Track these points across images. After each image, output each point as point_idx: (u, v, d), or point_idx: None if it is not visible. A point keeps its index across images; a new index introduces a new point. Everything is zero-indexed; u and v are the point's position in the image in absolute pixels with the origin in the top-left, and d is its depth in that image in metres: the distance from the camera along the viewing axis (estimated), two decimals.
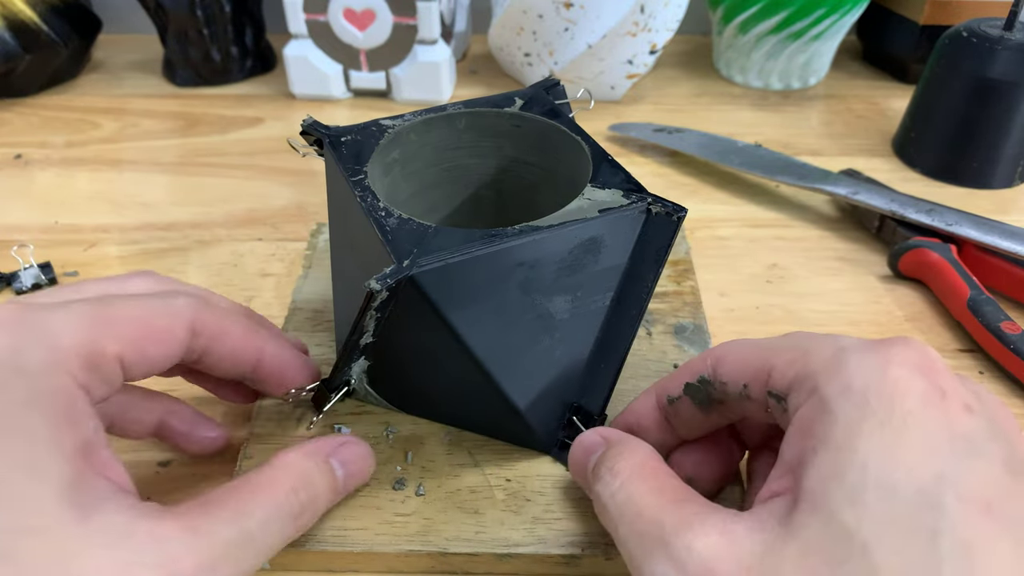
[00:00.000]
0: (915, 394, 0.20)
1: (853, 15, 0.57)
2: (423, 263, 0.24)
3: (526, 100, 0.32)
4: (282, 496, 0.24)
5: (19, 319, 0.22)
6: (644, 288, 0.28)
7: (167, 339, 0.25)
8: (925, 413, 0.20)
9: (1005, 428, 0.20)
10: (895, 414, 0.20)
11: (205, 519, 0.22)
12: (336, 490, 0.26)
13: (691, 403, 0.26)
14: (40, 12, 0.56)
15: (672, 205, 0.27)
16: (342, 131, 0.30)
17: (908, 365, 0.21)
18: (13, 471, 0.20)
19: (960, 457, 0.19)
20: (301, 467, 0.25)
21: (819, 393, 0.21)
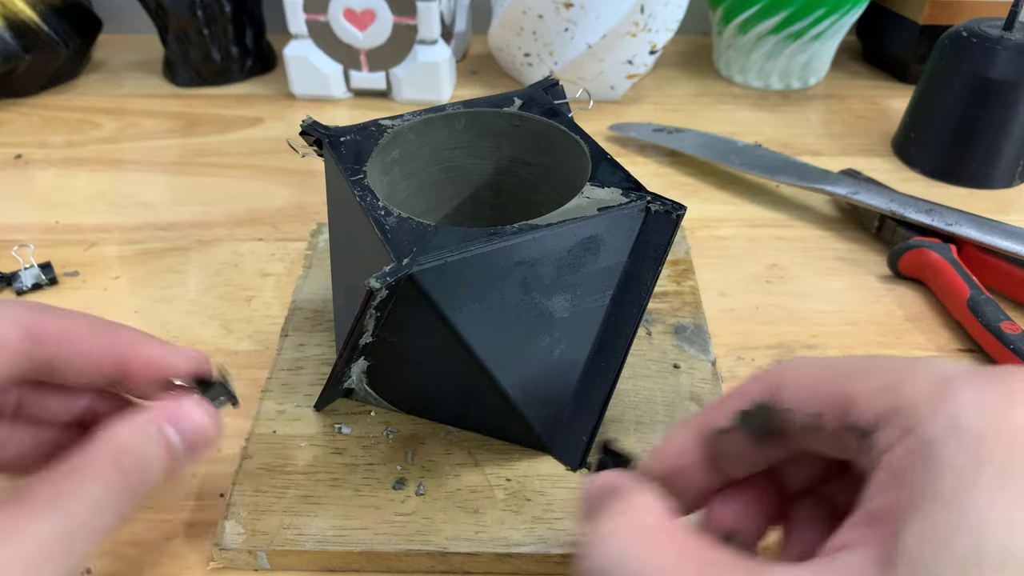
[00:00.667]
0: None
1: (853, 15, 0.57)
2: (423, 261, 0.24)
3: (525, 100, 0.32)
4: (106, 478, 0.22)
5: None
6: (643, 287, 0.28)
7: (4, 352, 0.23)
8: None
9: None
10: (1021, 466, 0.16)
11: (24, 518, 0.20)
12: (174, 460, 0.24)
13: (745, 435, 0.21)
14: (40, 12, 0.57)
15: (671, 203, 0.27)
16: (342, 131, 0.30)
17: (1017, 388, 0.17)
18: None
19: None
20: (127, 441, 0.23)
21: (919, 433, 0.17)
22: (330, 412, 0.32)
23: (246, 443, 0.30)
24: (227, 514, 0.28)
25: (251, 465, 0.29)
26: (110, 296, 0.40)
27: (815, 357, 0.22)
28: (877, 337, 0.38)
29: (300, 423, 0.31)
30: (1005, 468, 0.16)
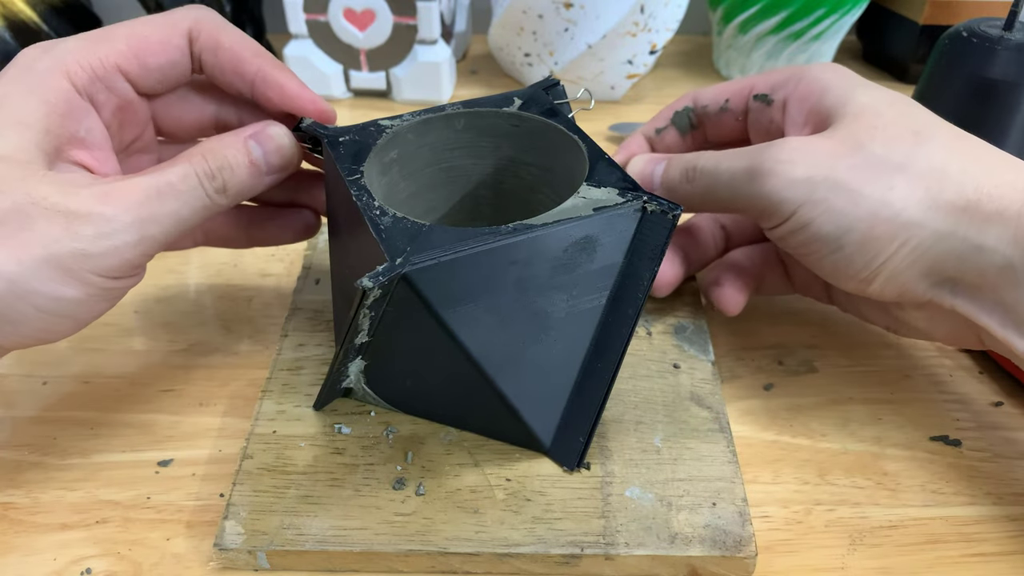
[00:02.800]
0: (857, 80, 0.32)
1: (853, 15, 0.57)
2: (416, 261, 0.24)
3: (525, 100, 0.32)
4: (195, 160, 0.28)
5: (47, 45, 0.28)
6: (640, 287, 0.28)
7: (165, 49, 0.29)
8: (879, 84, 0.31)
9: None
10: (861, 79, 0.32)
11: (137, 174, 0.27)
12: (255, 165, 0.29)
13: (675, 131, 0.37)
14: (40, 12, 0.56)
15: (667, 203, 0.26)
16: (341, 131, 0.30)
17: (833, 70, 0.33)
18: (11, 129, 0.26)
19: None
20: (215, 145, 0.28)
21: (806, 74, 0.32)
22: (330, 412, 0.32)
23: (246, 443, 0.30)
24: (227, 514, 0.28)
25: (251, 465, 0.29)
26: None
27: None
28: (877, 337, 0.38)
29: (300, 423, 0.31)
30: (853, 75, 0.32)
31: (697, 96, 0.36)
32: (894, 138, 0.28)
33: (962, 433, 0.33)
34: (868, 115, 0.29)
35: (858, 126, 0.29)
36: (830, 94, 0.31)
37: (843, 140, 0.29)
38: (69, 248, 0.25)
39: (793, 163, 0.29)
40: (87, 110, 0.28)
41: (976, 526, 0.30)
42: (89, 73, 0.28)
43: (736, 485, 0.29)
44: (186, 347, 0.37)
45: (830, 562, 0.28)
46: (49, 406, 0.34)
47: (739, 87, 0.35)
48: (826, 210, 0.28)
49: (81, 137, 0.28)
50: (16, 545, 0.28)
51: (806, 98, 0.32)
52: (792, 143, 0.29)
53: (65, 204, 0.25)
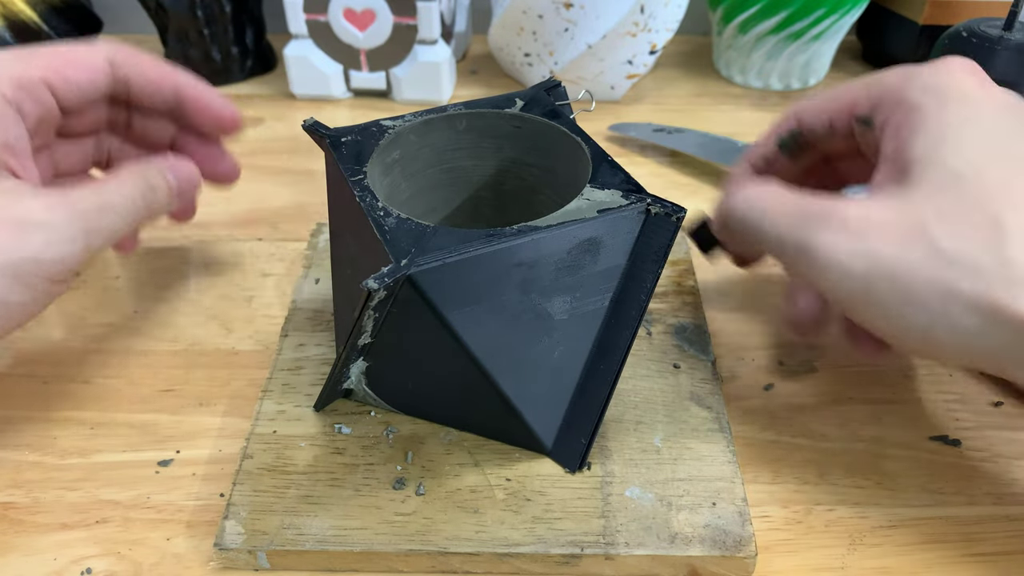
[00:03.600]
0: (973, 86, 0.27)
1: (853, 15, 0.57)
2: (421, 262, 0.24)
3: (527, 101, 0.32)
4: (131, 181, 0.31)
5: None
6: (643, 289, 0.28)
7: (87, 66, 0.32)
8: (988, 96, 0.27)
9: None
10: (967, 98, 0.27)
11: (76, 189, 0.29)
12: (171, 191, 0.34)
13: (785, 156, 0.33)
14: (40, 12, 0.56)
15: (671, 206, 0.26)
16: (343, 131, 0.30)
17: (971, 67, 0.28)
18: None
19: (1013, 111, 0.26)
20: (139, 168, 0.32)
21: (904, 97, 0.28)
22: (330, 412, 0.32)
23: (246, 443, 0.30)
24: (227, 514, 0.28)
25: (251, 465, 0.29)
26: (110, 296, 0.40)
27: (820, 91, 0.34)
28: None
29: (300, 423, 0.31)
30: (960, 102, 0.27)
31: (800, 115, 0.32)
32: (967, 233, 0.24)
33: (962, 433, 0.33)
34: (944, 188, 0.25)
35: (934, 202, 0.25)
36: (919, 136, 0.26)
37: (912, 224, 0.25)
38: (21, 255, 0.27)
39: (850, 254, 0.25)
40: (16, 119, 0.30)
41: (976, 526, 0.30)
42: (15, 83, 0.30)
43: (736, 485, 0.29)
44: (186, 347, 0.37)
45: (830, 562, 0.28)
46: (49, 406, 0.34)
47: (841, 105, 0.31)
48: (881, 310, 0.25)
49: (10, 144, 0.29)
50: (16, 545, 0.28)
51: (896, 134, 0.28)
52: (851, 222, 0.26)
53: (13, 212, 0.27)
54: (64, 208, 0.28)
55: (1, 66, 0.30)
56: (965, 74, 0.28)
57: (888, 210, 0.25)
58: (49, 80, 0.31)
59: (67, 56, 0.32)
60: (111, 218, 0.30)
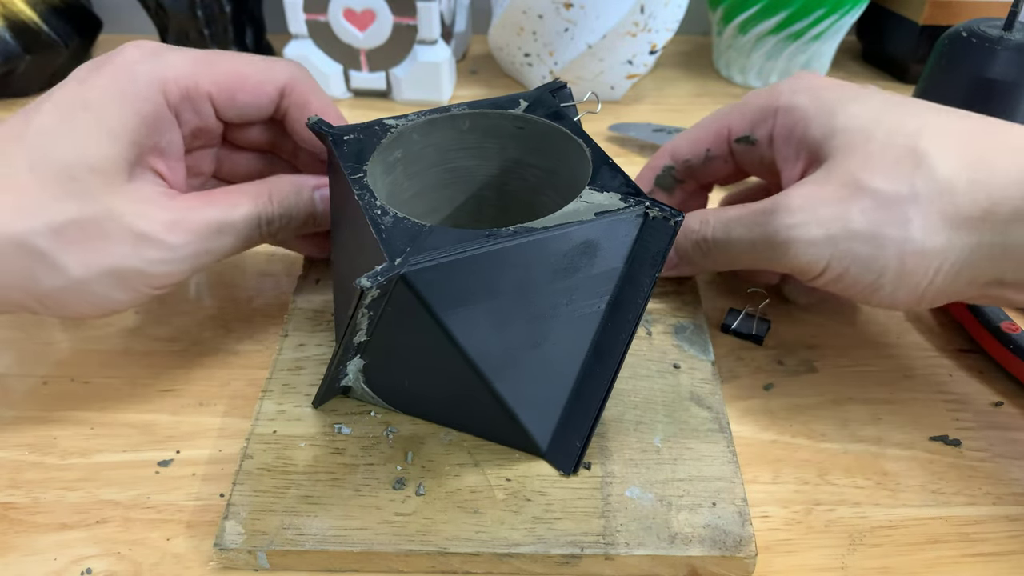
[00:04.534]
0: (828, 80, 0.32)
1: (853, 15, 0.57)
2: (415, 262, 0.24)
3: (531, 102, 0.32)
4: (261, 201, 0.31)
5: (151, 49, 0.31)
6: (641, 293, 0.28)
7: (257, 92, 0.32)
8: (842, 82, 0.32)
9: None
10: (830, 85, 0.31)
11: (206, 203, 0.30)
12: (313, 216, 0.33)
13: (661, 192, 0.37)
14: (40, 12, 0.56)
15: (670, 210, 0.26)
16: (346, 130, 0.30)
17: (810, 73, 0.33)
18: (100, 136, 0.28)
19: None
20: (284, 186, 0.32)
21: (780, 105, 0.31)
22: (330, 412, 0.32)
23: (246, 443, 0.30)
24: (227, 514, 0.28)
25: (251, 465, 0.29)
26: None
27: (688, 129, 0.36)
28: (877, 337, 0.38)
29: (300, 423, 0.31)
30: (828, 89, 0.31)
31: (674, 151, 0.36)
32: (893, 166, 0.28)
33: (962, 433, 0.33)
34: (858, 145, 0.28)
35: (853, 161, 0.28)
36: (812, 125, 0.30)
37: (844, 183, 0.28)
38: (132, 266, 0.29)
39: (806, 225, 0.28)
40: (172, 124, 0.31)
41: (976, 526, 0.30)
42: (183, 92, 0.30)
43: (736, 485, 0.29)
44: (186, 347, 0.37)
45: (830, 562, 0.28)
46: (49, 406, 0.34)
47: (714, 132, 0.34)
48: (854, 260, 0.28)
49: (162, 148, 0.31)
50: (16, 545, 0.28)
51: (790, 134, 0.31)
52: (795, 201, 0.29)
53: (138, 226, 0.28)
54: (184, 229, 0.29)
55: (176, 69, 0.30)
56: (817, 76, 0.32)
57: (821, 183, 0.29)
58: (216, 97, 0.32)
59: (243, 76, 0.32)
60: (228, 241, 0.31)
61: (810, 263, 0.29)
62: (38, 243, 0.27)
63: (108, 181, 0.28)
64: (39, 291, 0.28)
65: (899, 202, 0.27)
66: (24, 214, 0.27)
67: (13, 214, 0.27)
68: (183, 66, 0.31)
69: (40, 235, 0.27)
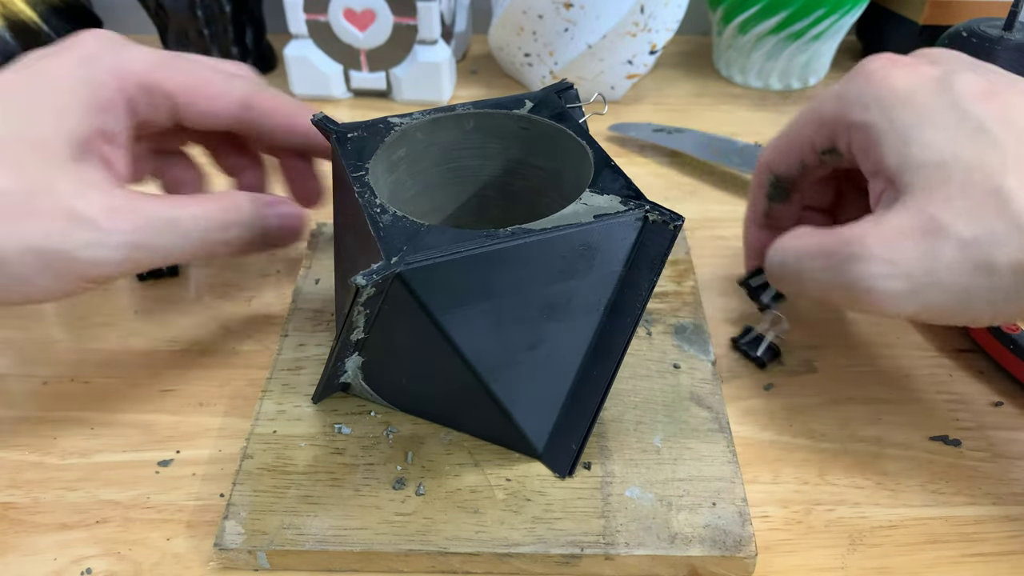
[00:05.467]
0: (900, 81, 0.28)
1: (853, 15, 0.57)
2: (411, 261, 0.24)
3: (536, 103, 0.32)
4: (217, 210, 0.30)
5: (111, 39, 0.30)
6: (639, 296, 0.28)
7: (220, 102, 0.32)
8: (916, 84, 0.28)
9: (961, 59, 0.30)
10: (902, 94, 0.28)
11: (152, 198, 0.29)
12: (266, 233, 0.32)
13: (779, 203, 0.35)
14: (40, 12, 0.56)
15: (669, 214, 0.26)
16: (350, 127, 0.30)
17: (886, 62, 0.29)
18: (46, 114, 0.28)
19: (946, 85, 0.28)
20: (241, 200, 0.31)
21: (852, 123, 0.29)
22: (330, 412, 0.32)
23: (246, 443, 0.30)
24: (227, 514, 0.28)
25: (251, 465, 0.29)
26: (110, 296, 0.40)
27: (771, 140, 0.35)
28: (877, 337, 0.38)
29: (300, 423, 0.31)
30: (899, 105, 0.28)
31: (771, 167, 0.34)
32: (976, 211, 0.25)
33: (962, 433, 0.33)
34: (937, 185, 0.26)
35: (933, 204, 0.26)
36: (886, 151, 0.28)
37: (926, 229, 0.26)
38: (60, 247, 0.27)
39: (889, 278, 0.26)
40: (125, 113, 0.30)
41: (976, 526, 0.30)
42: (141, 86, 0.30)
43: (736, 485, 0.29)
44: (186, 347, 0.37)
45: (830, 562, 0.28)
46: (49, 406, 0.34)
47: (799, 146, 0.33)
48: (939, 311, 0.27)
49: (110, 133, 0.30)
50: (16, 545, 0.28)
51: (866, 154, 0.29)
52: (875, 248, 0.27)
53: (73, 205, 0.27)
54: (124, 216, 0.28)
55: (138, 64, 0.30)
56: (886, 71, 0.29)
57: (900, 222, 0.27)
58: (176, 99, 0.31)
59: (205, 83, 0.32)
60: (171, 238, 0.29)
61: (896, 312, 0.27)
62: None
63: (46, 157, 0.27)
64: None
65: (981, 250, 0.25)
66: None
67: None
68: (145, 61, 0.30)
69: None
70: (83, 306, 0.39)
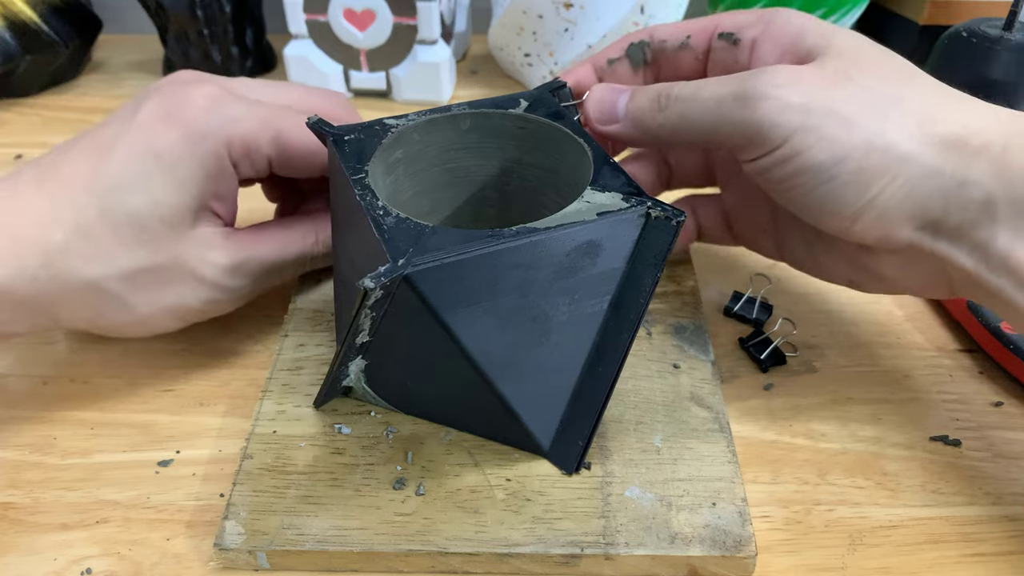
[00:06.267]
0: None
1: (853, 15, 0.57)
2: (418, 262, 0.24)
3: (531, 102, 0.32)
4: (310, 244, 0.36)
5: (216, 98, 0.32)
6: (642, 292, 0.28)
7: (312, 160, 0.34)
8: None
9: None
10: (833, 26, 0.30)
11: (258, 241, 0.34)
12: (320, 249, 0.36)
13: (628, 64, 0.35)
14: (40, 12, 0.57)
15: (671, 210, 0.26)
16: (346, 129, 0.30)
17: None
18: (171, 190, 0.31)
19: None
20: (328, 227, 0.36)
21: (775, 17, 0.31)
22: (330, 412, 0.32)
23: (246, 443, 0.30)
24: (227, 514, 0.28)
25: (251, 465, 0.29)
26: None
27: None
28: (877, 337, 0.38)
29: (300, 423, 0.31)
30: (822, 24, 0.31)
31: (654, 31, 0.35)
32: (884, 75, 0.28)
33: (962, 433, 0.33)
34: (853, 53, 0.29)
35: (845, 62, 0.28)
36: (809, 35, 0.30)
37: (835, 72, 0.28)
38: (192, 305, 0.32)
39: (789, 87, 0.28)
40: (232, 176, 0.33)
41: (976, 526, 0.30)
42: (245, 150, 0.32)
43: (736, 485, 0.29)
44: (186, 347, 0.37)
45: (830, 562, 0.28)
46: (49, 406, 0.34)
47: (702, 25, 0.34)
48: (820, 137, 0.27)
49: (221, 194, 0.33)
50: (16, 545, 0.28)
51: (779, 38, 0.31)
52: (785, 71, 0.28)
53: (201, 272, 0.32)
54: (243, 274, 0.33)
55: (241, 127, 0.32)
56: None
57: (814, 68, 0.28)
58: (274, 160, 0.33)
59: (301, 142, 0.33)
60: (275, 278, 0.35)
61: (775, 126, 0.28)
62: (111, 287, 0.30)
63: (175, 230, 0.31)
64: (103, 322, 0.31)
65: (882, 99, 0.27)
66: (98, 260, 0.30)
67: (88, 260, 0.29)
68: (248, 124, 0.32)
69: (113, 280, 0.30)
70: None
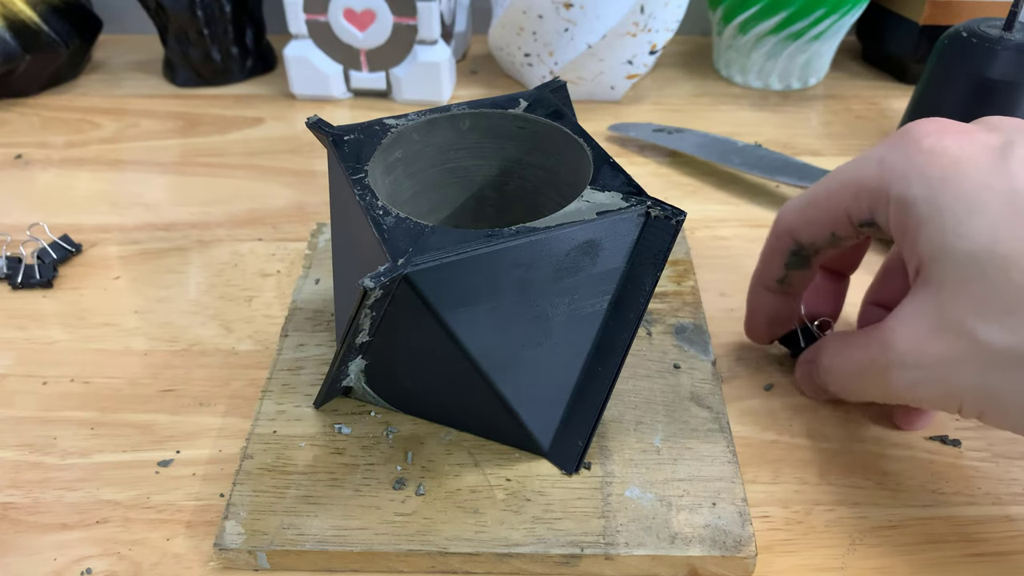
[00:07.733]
0: (951, 151, 0.26)
1: (853, 15, 0.57)
2: (418, 262, 0.24)
3: (531, 101, 0.32)
4: None
5: None
6: (642, 292, 0.28)
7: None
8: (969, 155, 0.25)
9: None
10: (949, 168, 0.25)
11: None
12: None
13: (798, 272, 0.33)
14: (40, 12, 0.57)
15: (671, 209, 0.26)
16: (345, 130, 0.30)
17: (936, 128, 0.27)
18: None
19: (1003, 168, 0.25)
20: None
21: (893, 196, 0.27)
22: (330, 412, 0.32)
23: (246, 443, 0.30)
24: (227, 514, 0.28)
25: (251, 465, 0.29)
26: (110, 296, 0.40)
27: (792, 200, 0.32)
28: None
29: (300, 423, 0.31)
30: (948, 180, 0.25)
31: (794, 232, 0.31)
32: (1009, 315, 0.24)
33: (962, 433, 0.33)
34: (967, 279, 0.24)
35: (960, 302, 0.25)
36: (921, 236, 0.26)
37: (956, 332, 0.25)
38: None
39: (924, 384, 0.26)
40: None
41: (976, 526, 0.30)
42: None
43: (736, 485, 0.29)
44: (186, 347, 0.37)
45: (830, 562, 0.28)
46: (49, 406, 0.34)
47: (834, 214, 0.30)
48: (987, 406, 0.25)
49: None
50: (16, 545, 0.28)
51: (903, 234, 0.27)
52: (906, 356, 0.26)
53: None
54: None
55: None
56: (934, 139, 0.26)
57: (927, 321, 0.26)
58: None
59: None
60: None
61: (942, 408, 0.27)
62: None
63: None
64: None
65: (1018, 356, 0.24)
66: None
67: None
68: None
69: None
70: (83, 306, 0.39)
